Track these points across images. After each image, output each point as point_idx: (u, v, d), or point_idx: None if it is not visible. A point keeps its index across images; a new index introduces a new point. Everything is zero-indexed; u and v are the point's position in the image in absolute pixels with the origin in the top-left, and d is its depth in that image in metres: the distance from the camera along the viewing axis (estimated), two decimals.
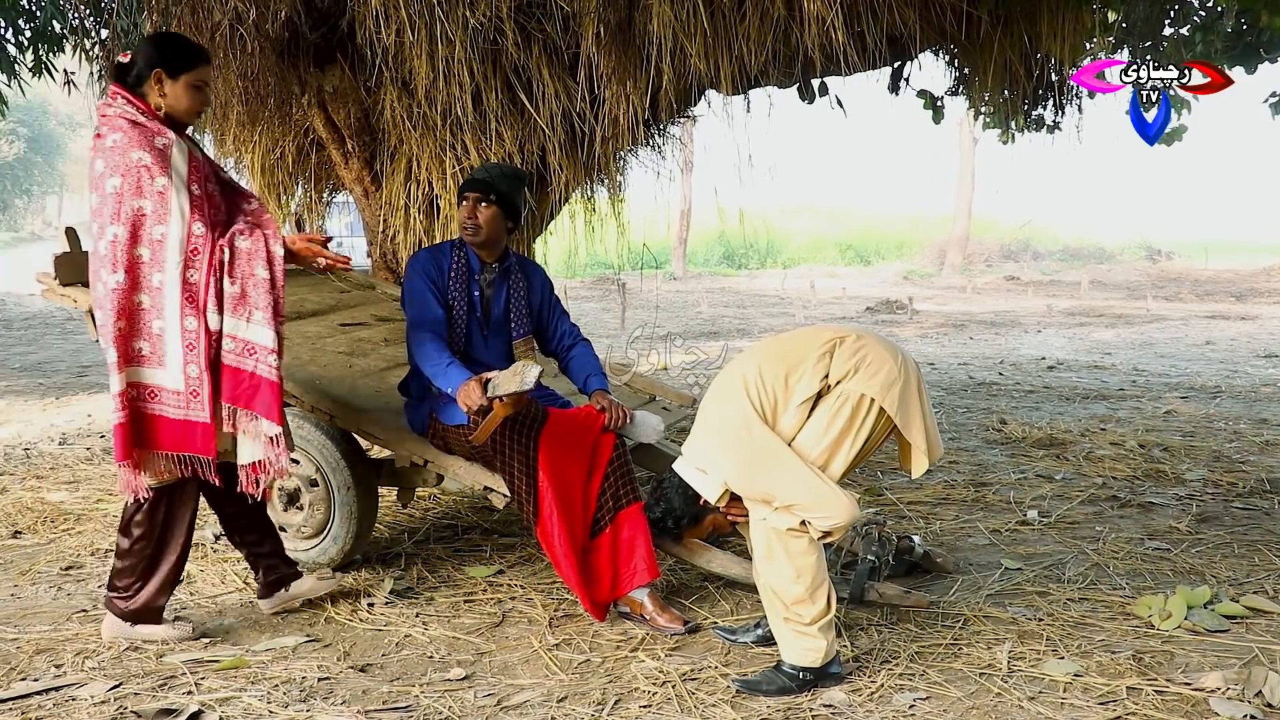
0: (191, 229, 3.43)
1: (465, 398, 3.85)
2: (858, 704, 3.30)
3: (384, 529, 5.01)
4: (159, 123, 3.50)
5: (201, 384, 3.46)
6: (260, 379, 3.49)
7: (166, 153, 3.45)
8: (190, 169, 3.50)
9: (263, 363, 3.48)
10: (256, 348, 3.48)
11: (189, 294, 3.43)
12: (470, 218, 4.17)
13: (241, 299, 3.47)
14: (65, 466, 6.36)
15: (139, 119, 3.47)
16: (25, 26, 8.52)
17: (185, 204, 3.43)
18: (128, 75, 3.55)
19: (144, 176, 3.40)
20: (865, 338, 3.43)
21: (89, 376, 10.93)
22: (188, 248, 3.42)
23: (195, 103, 3.61)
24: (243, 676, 3.47)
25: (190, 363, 3.45)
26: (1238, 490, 5.89)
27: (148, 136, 3.44)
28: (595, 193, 6.41)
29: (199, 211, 3.46)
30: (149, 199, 3.40)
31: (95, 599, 4.19)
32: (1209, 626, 3.85)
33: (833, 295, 23.13)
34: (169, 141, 3.47)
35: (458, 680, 3.47)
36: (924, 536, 4.77)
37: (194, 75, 3.57)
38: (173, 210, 3.41)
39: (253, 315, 3.48)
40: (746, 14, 5.07)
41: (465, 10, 4.98)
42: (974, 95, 7.53)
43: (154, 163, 3.41)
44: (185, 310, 3.43)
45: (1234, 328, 16.45)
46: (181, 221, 3.42)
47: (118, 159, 3.41)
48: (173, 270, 3.42)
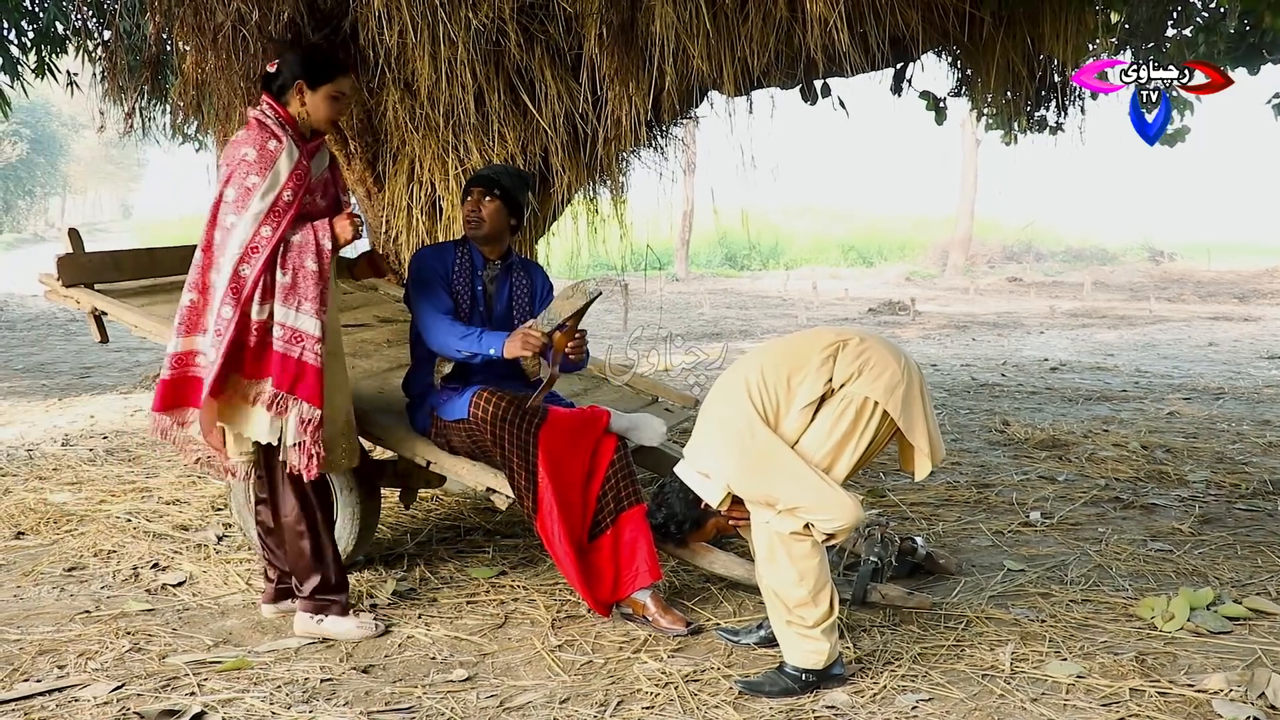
0: (259, 230, 3.59)
1: (524, 343, 3.93)
2: (860, 705, 3.30)
3: (386, 530, 5.01)
4: (284, 128, 3.68)
5: (212, 367, 3.61)
6: (305, 365, 3.65)
7: (274, 156, 3.62)
8: (291, 176, 3.64)
9: (309, 350, 3.64)
10: (304, 335, 3.64)
11: (235, 285, 3.59)
12: (474, 211, 4.21)
13: (292, 289, 3.63)
14: (68, 468, 6.37)
15: (267, 121, 3.69)
16: (28, 28, 8.54)
17: (264, 206, 3.59)
18: (273, 83, 3.74)
19: (240, 170, 3.61)
20: (868, 340, 3.42)
21: (91, 378, 10.94)
22: (249, 244, 3.58)
23: (333, 112, 3.81)
24: (245, 678, 3.47)
25: (212, 346, 3.62)
26: (1240, 492, 5.88)
27: (264, 137, 3.65)
28: (598, 194, 6.41)
29: (276, 217, 3.61)
30: (236, 189, 3.60)
31: (98, 600, 4.20)
32: (1212, 628, 3.85)
33: (835, 296, 23.12)
34: (281, 146, 3.64)
35: (460, 681, 3.47)
36: (927, 538, 4.77)
37: (333, 87, 3.76)
38: (250, 206, 3.59)
39: (301, 305, 3.64)
40: (749, 15, 5.07)
41: (468, 11, 4.99)
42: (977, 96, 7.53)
43: (256, 160, 3.61)
44: (226, 298, 3.59)
45: (1237, 329, 16.44)
46: (254, 220, 3.58)
47: (233, 152, 3.68)
48: (229, 259, 3.59)
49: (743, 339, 15.51)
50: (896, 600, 4.02)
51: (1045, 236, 37.33)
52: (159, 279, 4.90)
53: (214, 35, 5.27)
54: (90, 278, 4.66)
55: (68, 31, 8.27)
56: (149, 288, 4.86)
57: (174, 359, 3.70)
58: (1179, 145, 9.04)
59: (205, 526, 5.10)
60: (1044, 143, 7.67)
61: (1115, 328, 17.36)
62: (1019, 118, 7.36)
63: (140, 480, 6.01)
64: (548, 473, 3.92)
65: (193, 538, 4.95)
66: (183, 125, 7.10)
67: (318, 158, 3.80)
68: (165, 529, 5.07)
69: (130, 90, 6.62)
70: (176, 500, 5.56)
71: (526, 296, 4.41)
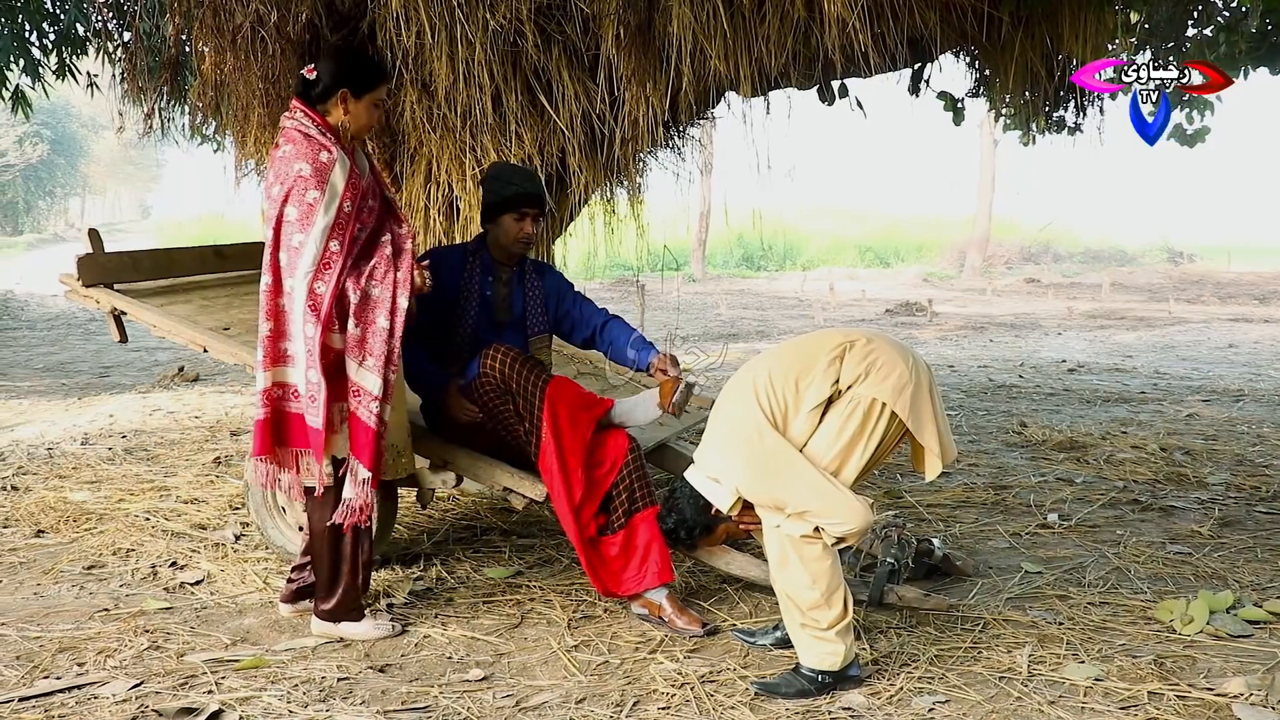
0: (328, 245, 3.57)
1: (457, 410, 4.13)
2: (877, 707, 3.29)
3: (403, 530, 5.02)
4: (329, 138, 3.63)
5: (319, 390, 3.58)
6: (360, 421, 3.62)
7: (328, 168, 3.58)
8: (348, 186, 3.62)
9: (364, 407, 3.62)
10: (362, 391, 3.62)
11: (313, 302, 3.56)
12: (530, 234, 4.27)
13: (361, 343, 3.62)
14: (87, 466, 6.40)
15: (310, 132, 3.62)
16: (49, 29, 8.59)
17: (329, 220, 3.57)
18: (312, 90, 3.68)
19: (299, 187, 3.55)
20: (876, 341, 3.41)
21: (111, 377, 10.99)
22: (320, 260, 3.56)
23: (374, 119, 3.78)
24: (263, 676, 3.48)
25: (310, 368, 3.58)
26: (1260, 494, 5.84)
27: (314, 150, 3.59)
28: (615, 194, 6.41)
29: (341, 229, 3.59)
30: (297, 207, 3.55)
31: (117, 598, 4.22)
32: (1231, 631, 3.83)
33: (852, 297, 23.08)
34: (333, 157, 3.60)
35: (476, 681, 3.48)
36: (943, 539, 4.75)
37: (376, 95, 3.73)
38: (316, 222, 3.55)
39: (365, 361, 3.61)
40: (766, 16, 5.06)
41: (485, 12, 5.00)
42: (995, 97, 7.51)
43: (312, 175, 3.56)
44: (307, 317, 3.57)
45: (1257, 330, 16.35)
46: (322, 235, 3.56)
47: (284, 168, 3.58)
48: (301, 279, 3.56)
49: (759, 340, 15.50)
50: (913, 601, 4.01)
51: (1063, 237, 37.19)
52: (177, 279, 4.93)
53: (233, 36, 5.29)
54: (110, 278, 4.68)
55: (88, 33, 8.31)
56: (167, 288, 4.89)
57: (265, 395, 3.64)
58: (1199, 146, 8.98)
59: (223, 525, 5.12)
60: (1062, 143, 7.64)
61: (1134, 329, 17.29)
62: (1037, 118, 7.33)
63: (159, 479, 6.04)
64: (549, 413, 3.98)
65: (211, 536, 4.97)
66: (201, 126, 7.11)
67: (360, 162, 3.78)
68: (183, 528, 5.09)
69: (149, 91, 6.65)
70: (194, 499, 5.59)
71: (540, 298, 4.44)
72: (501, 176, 4.30)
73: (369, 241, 3.72)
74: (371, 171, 3.85)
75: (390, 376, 3.62)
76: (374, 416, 3.60)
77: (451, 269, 4.26)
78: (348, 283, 3.60)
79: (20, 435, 7.47)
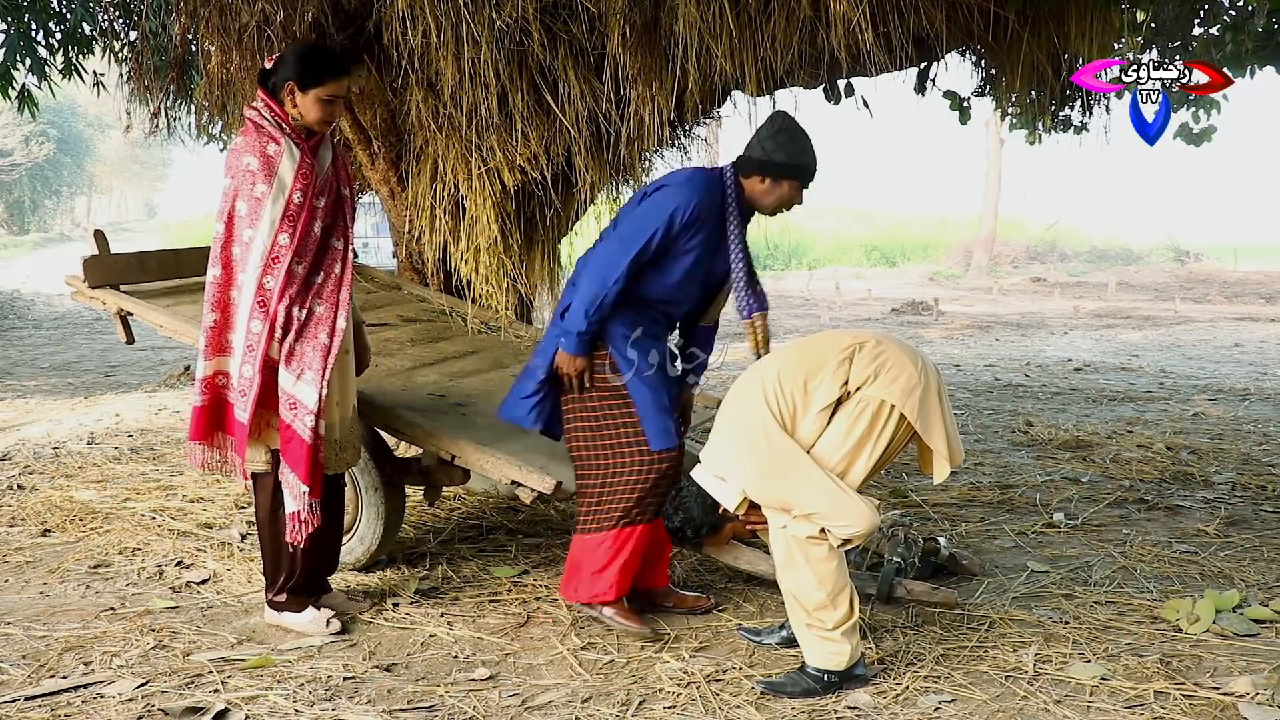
0: (277, 239, 3.59)
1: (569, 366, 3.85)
2: (883, 706, 3.29)
3: (409, 529, 5.02)
4: (280, 129, 3.65)
5: (250, 386, 3.62)
6: (294, 434, 3.64)
7: (275, 160, 3.60)
8: (297, 177, 3.63)
9: (299, 420, 3.63)
10: (299, 404, 3.63)
11: (261, 298, 3.60)
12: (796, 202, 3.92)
13: (301, 357, 3.63)
14: (94, 465, 6.41)
15: (264, 123, 3.65)
16: (55, 28, 8.59)
17: (278, 213, 3.59)
18: (269, 81, 3.70)
19: (246, 182, 3.59)
20: (885, 343, 3.41)
21: (117, 376, 11.01)
22: (269, 255, 3.59)
23: (324, 115, 3.73)
24: (269, 675, 3.49)
25: (246, 362, 3.62)
26: (1267, 494, 5.83)
27: (263, 142, 3.62)
28: (621, 194, 6.40)
29: (290, 222, 3.61)
30: (246, 202, 3.59)
31: (123, 597, 4.22)
32: (1238, 631, 3.82)
33: (858, 297, 23.05)
34: (280, 149, 3.62)
35: (482, 680, 3.48)
36: (950, 538, 4.75)
37: (324, 90, 3.69)
38: (263, 217, 3.58)
39: (304, 374, 3.63)
40: (772, 15, 5.05)
41: (491, 11, 4.99)
42: (1001, 96, 7.48)
43: (260, 169, 3.58)
44: (254, 313, 3.60)
45: (1263, 330, 16.31)
46: (270, 229, 3.58)
47: (234, 162, 3.63)
48: (251, 273, 3.59)
49: None
50: (921, 595, 4.01)
51: (1070, 236, 37.10)
52: (184, 279, 4.94)
53: (239, 36, 5.29)
54: (115, 279, 4.70)
55: (94, 32, 8.31)
56: (174, 288, 4.90)
57: (205, 384, 3.72)
58: (1205, 145, 8.96)
59: (229, 524, 5.13)
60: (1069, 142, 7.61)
61: (1140, 328, 17.25)
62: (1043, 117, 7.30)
63: (164, 478, 6.04)
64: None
65: (216, 535, 4.98)
66: (208, 125, 7.12)
67: (321, 155, 3.77)
68: (189, 527, 5.10)
69: (156, 90, 6.65)
70: (200, 498, 5.59)
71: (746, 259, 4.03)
72: (799, 141, 3.85)
73: (324, 240, 3.74)
74: (335, 166, 3.83)
75: (324, 391, 3.63)
76: (309, 430, 3.62)
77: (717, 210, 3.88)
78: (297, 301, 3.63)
79: (26, 434, 7.48)
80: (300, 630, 3.85)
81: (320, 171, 3.73)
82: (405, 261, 6.21)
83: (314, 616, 3.87)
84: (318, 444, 3.64)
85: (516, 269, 5.63)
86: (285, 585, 3.89)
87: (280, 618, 3.91)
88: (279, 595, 3.90)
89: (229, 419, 3.73)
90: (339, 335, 3.68)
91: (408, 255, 6.15)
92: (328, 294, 3.70)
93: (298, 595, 3.91)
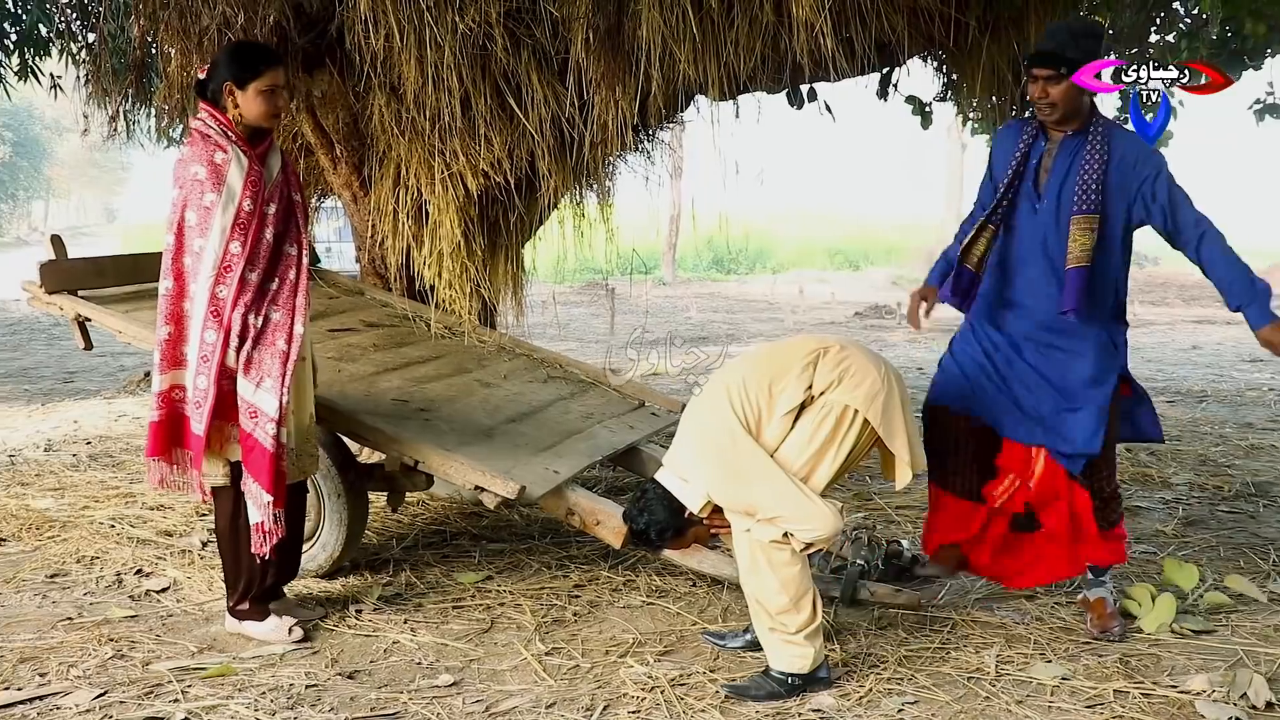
0: (228, 247, 3.57)
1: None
2: (846, 709, 3.30)
3: (372, 535, 4.99)
4: (227, 137, 3.62)
5: (205, 397, 3.58)
6: (256, 443, 3.60)
7: (223, 168, 3.58)
8: (246, 184, 3.60)
9: (261, 428, 3.59)
10: (259, 413, 3.60)
11: (215, 308, 3.57)
12: (1041, 97, 3.72)
13: (258, 364, 3.60)
14: (51, 473, 6.33)
15: (209, 131, 3.63)
16: (11, 30, 8.50)
17: (228, 221, 3.57)
18: (207, 90, 3.68)
19: (195, 191, 3.56)
20: (849, 348, 3.43)
21: (75, 383, 10.88)
22: (221, 263, 3.56)
23: (268, 107, 3.69)
24: (229, 684, 3.46)
25: (200, 374, 3.59)
26: (1223, 494, 5.91)
27: (209, 151, 3.59)
28: (584, 198, 6.40)
29: (241, 229, 3.59)
30: (195, 211, 3.56)
31: (81, 606, 4.18)
32: (1195, 629, 3.87)
33: (822, 300, 23.13)
34: (228, 157, 3.60)
35: (446, 687, 3.47)
36: (913, 541, 4.77)
37: (261, 82, 3.65)
38: (213, 226, 3.56)
39: (263, 382, 3.60)
40: (735, 20, 5.07)
41: (454, 15, 4.98)
42: (962, 101, 7.54)
43: (208, 177, 3.56)
44: (208, 322, 3.57)
45: (1220, 333, 16.49)
46: (220, 238, 3.56)
47: (182, 172, 3.61)
48: (204, 283, 3.57)
49: (730, 343, 15.51)
50: (885, 597, 4.03)
51: None
52: (143, 285, 4.89)
53: (199, 39, 5.25)
54: (73, 284, 4.65)
55: (51, 34, 8.22)
56: (133, 293, 4.86)
57: (161, 398, 3.68)
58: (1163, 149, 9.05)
59: (189, 532, 5.08)
60: None
61: None
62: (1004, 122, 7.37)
63: (124, 485, 5.98)
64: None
65: (176, 543, 4.93)
66: (168, 129, 7.05)
67: (270, 161, 3.76)
68: (149, 534, 5.05)
69: (115, 94, 6.58)
70: (160, 506, 5.54)
71: (1097, 172, 3.71)
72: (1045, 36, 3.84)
73: (276, 247, 3.71)
74: (284, 172, 3.82)
75: (285, 398, 3.61)
76: (270, 438, 3.59)
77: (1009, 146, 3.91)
78: (252, 308, 3.61)
79: None
80: (262, 638, 3.83)
81: (269, 178, 3.71)
82: (368, 266, 6.17)
83: (276, 624, 3.85)
84: (280, 452, 3.61)
85: (480, 274, 5.61)
86: (247, 593, 3.86)
87: (242, 626, 3.88)
88: (240, 603, 3.88)
89: (186, 433, 3.69)
90: (297, 341, 3.66)
91: (371, 260, 6.12)
92: (284, 300, 3.68)
93: (259, 603, 3.88)
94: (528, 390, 5.09)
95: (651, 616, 4.12)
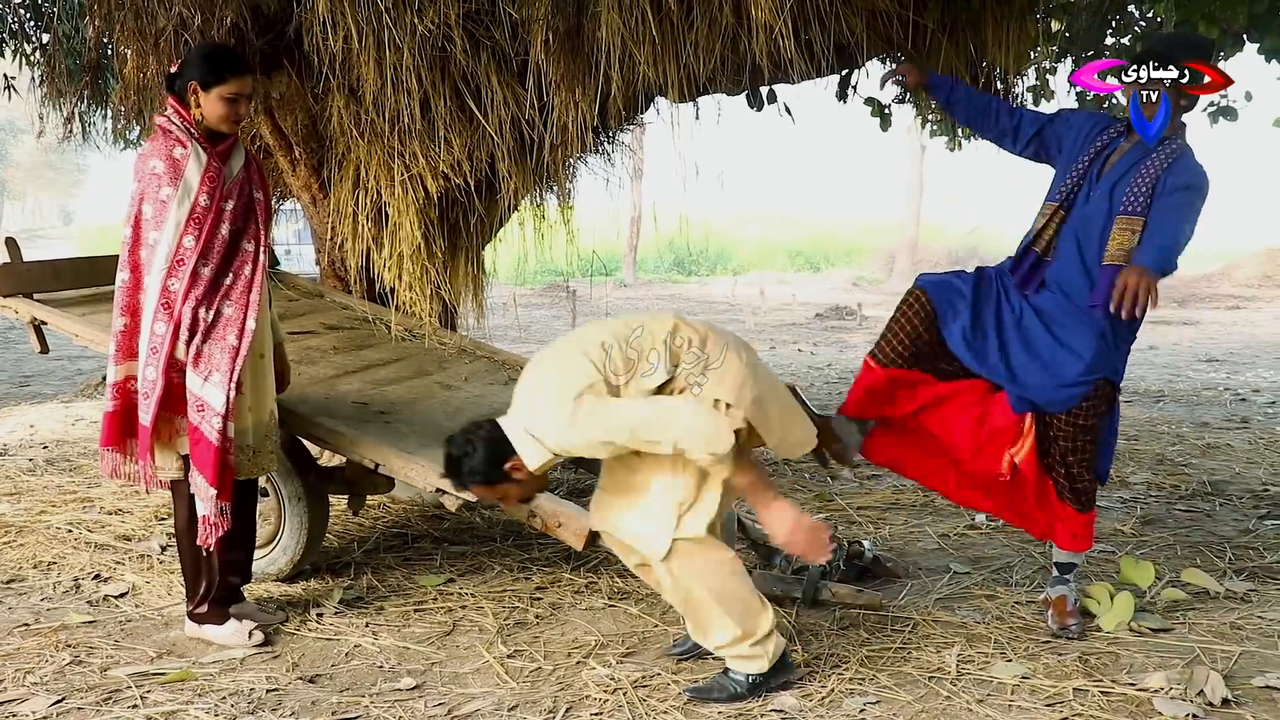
0: (182, 240, 3.57)
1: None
2: (808, 709, 3.32)
3: (333, 538, 4.97)
4: (188, 133, 3.64)
5: (153, 389, 3.58)
6: (202, 436, 3.59)
7: (181, 164, 3.59)
8: (204, 180, 3.61)
9: (207, 422, 3.58)
10: (206, 406, 3.58)
11: (165, 300, 3.57)
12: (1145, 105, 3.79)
13: (208, 359, 3.59)
14: (6, 478, 6.25)
15: (171, 127, 3.65)
16: None
17: (183, 215, 3.57)
18: (174, 85, 3.69)
19: (152, 185, 3.58)
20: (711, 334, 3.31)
21: (31, 386, 10.75)
22: (174, 256, 3.57)
23: (228, 114, 3.70)
24: (189, 689, 3.43)
25: (149, 365, 3.58)
26: (1180, 493, 5.98)
27: (169, 146, 3.62)
28: (545, 200, 6.40)
29: (196, 224, 3.59)
30: (152, 204, 3.58)
31: (38, 612, 4.13)
32: (1153, 627, 3.92)
33: (783, 302, 23.22)
34: (186, 153, 3.62)
35: (408, 690, 3.45)
36: (874, 541, 4.80)
37: (225, 89, 3.66)
38: (168, 220, 3.56)
39: (211, 376, 3.59)
40: (695, 22, 5.08)
41: (413, 17, 4.96)
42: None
43: (165, 172, 3.57)
44: (158, 315, 3.57)
45: (1176, 333, 16.71)
46: (175, 231, 3.57)
47: (141, 166, 3.62)
48: (156, 275, 3.57)
49: None
50: (846, 598, 4.05)
51: (990, 242, 37.61)
52: (100, 288, 4.84)
53: (155, 40, 5.20)
54: (29, 287, 4.61)
55: (3, 35, 8.12)
56: (89, 296, 4.82)
57: (115, 389, 3.69)
58: None
59: (148, 536, 5.03)
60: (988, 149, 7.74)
61: None
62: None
63: (81, 490, 5.91)
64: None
65: (135, 548, 4.88)
66: (124, 130, 6.99)
67: (232, 159, 3.76)
68: (107, 539, 4.99)
69: (70, 95, 6.52)
70: (119, 510, 5.48)
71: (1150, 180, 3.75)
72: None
73: (233, 242, 3.71)
74: (248, 170, 3.82)
75: (232, 394, 3.60)
76: (216, 432, 3.58)
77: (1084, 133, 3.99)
78: (204, 302, 3.60)
79: None
80: (222, 642, 3.80)
81: (229, 175, 3.72)
82: (328, 269, 6.14)
83: (236, 629, 3.82)
84: (225, 446, 3.60)
85: (440, 276, 5.60)
86: (206, 597, 3.84)
87: (201, 630, 3.85)
88: (199, 607, 3.85)
89: (139, 423, 3.68)
90: (248, 336, 3.65)
91: (330, 262, 6.09)
92: (237, 296, 3.67)
93: (219, 607, 3.85)
94: (489, 393, 5.08)
95: (614, 618, 4.12)
